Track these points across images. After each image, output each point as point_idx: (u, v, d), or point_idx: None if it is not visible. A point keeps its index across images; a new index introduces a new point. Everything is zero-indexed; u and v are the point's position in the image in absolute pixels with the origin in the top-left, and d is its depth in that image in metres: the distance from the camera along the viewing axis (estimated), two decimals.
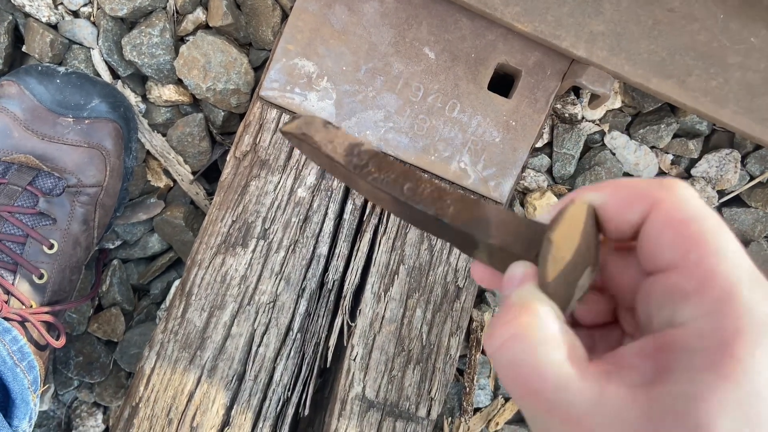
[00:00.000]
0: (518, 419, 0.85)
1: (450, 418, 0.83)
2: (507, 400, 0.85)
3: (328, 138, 0.36)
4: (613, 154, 0.79)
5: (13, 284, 0.65)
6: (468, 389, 0.81)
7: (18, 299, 0.65)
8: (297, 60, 0.69)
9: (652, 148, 0.79)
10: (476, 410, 0.84)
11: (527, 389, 0.25)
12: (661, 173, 0.80)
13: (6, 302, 0.64)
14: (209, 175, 0.81)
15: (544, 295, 0.27)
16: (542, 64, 0.70)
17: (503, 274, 0.30)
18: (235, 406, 0.68)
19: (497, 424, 0.84)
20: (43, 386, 0.67)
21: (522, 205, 0.79)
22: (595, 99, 0.71)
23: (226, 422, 0.68)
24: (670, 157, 0.80)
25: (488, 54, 0.70)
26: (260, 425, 0.68)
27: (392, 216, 0.70)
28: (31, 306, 0.66)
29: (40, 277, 0.67)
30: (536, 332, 0.26)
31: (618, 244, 0.30)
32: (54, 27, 0.76)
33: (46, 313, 0.67)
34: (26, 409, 0.63)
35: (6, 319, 0.64)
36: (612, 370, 0.25)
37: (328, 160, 0.36)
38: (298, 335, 0.69)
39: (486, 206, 0.32)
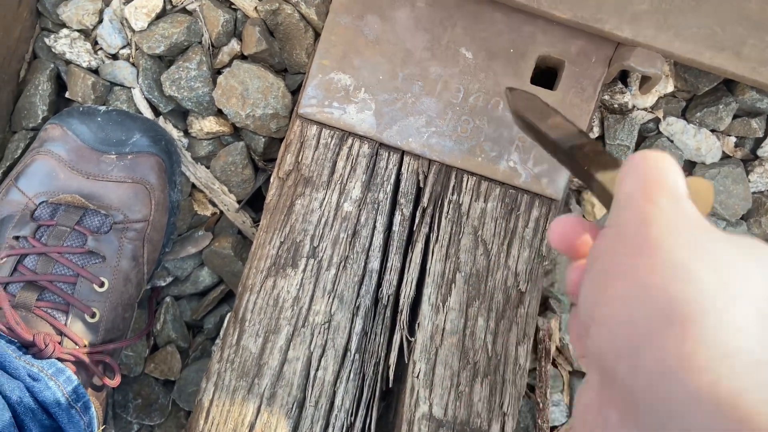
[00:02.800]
0: None
1: None
2: None
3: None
4: (671, 141, 0.75)
5: (65, 324, 0.64)
6: (541, 405, 0.76)
7: (71, 339, 0.64)
8: (333, 74, 0.68)
9: (712, 131, 0.75)
10: (552, 429, 0.79)
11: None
12: (725, 157, 0.76)
13: (59, 343, 0.63)
14: (254, 204, 0.80)
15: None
16: (586, 51, 0.67)
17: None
18: None
19: None
20: (101, 427, 0.65)
21: (578, 203, 0.75)
22: (645, 82, 0.68)
23: None
24: (733, 139, 0.75)
25: (527, 47, 0.67)
26: None
27: (443, 222, 0.68)
28: (85, 345, 0.65)
29: (93, 315, 0.66)
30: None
31: None
32: (95, 71, 0.77)
33: (101, 352, 0.66)
34: None
35: (60, 359, 0.63)
36: None
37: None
38: (357, 356, 0.66)
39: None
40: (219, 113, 0.77)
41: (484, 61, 0.68)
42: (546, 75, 0.71)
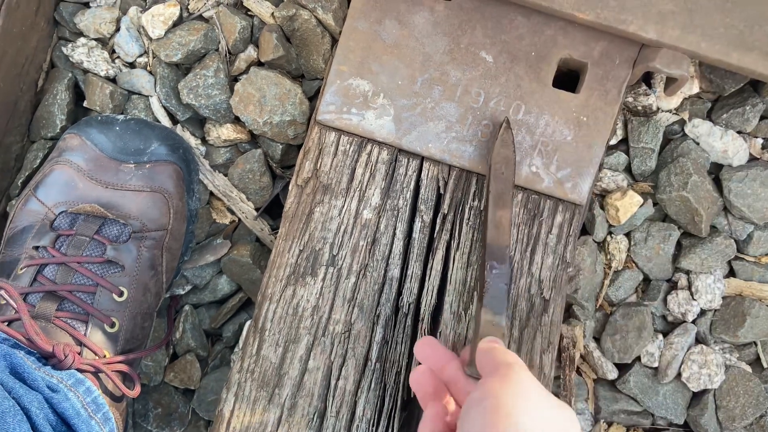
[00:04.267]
0: None
1: None
2: (610, 424, 0.78)
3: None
4: (697, 144, 0.73)
5: (85, 335, 0.64)
6: None
7: (91, 350, 0.63)
8: (351, 80, 0.68)
9: (739, 133, 0.73)
10: None
11: None
12: (753, 159, 0.74)
13: (79, 353, 0.63)
14: (272, 211, 0.79)
15: None
16: (609, 53, 0.66)
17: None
18: None
19: None
20: None
21: (602, 208, 0.74)
22: (671, 84, 0.66)
23: None
24: (760, 141, 0.73)
25: (549, 50, 0.66)
26: None
27: (465, 229, 0.67)
28: (105, 356, 0.65)
29: (112, 325, 0.65)
30: None
31: None
32: (112, 80, 0.77)
33: (120, 362, 0.65)
34: None
35: (79, 370, 0.62)
36: None
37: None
38: (377, 365, 0.65)
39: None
40: (236, 120, 0.76)
41: (504, 65, 0.67)
42: (568, 78, 0.70)
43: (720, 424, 0.75)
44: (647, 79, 0.73)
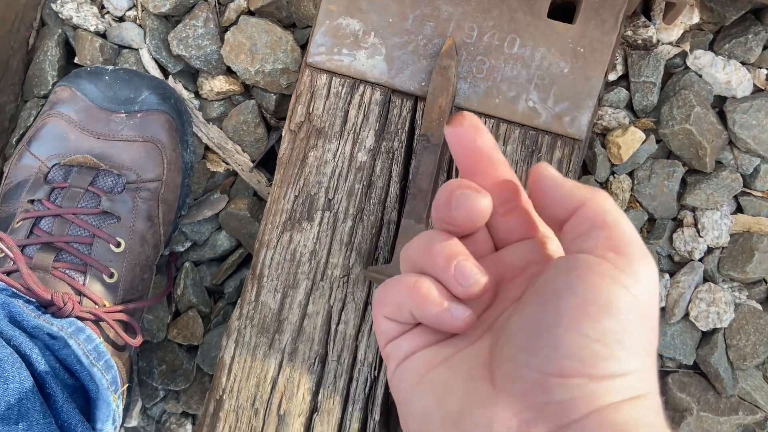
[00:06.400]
0: None
1: None
2: None
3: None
4: (699, 76, 0.71)
5: (84, 285, 0.64)
6: None
7: (90, 299, 0.63)
8: (341, 20, 0.66)
9: (742, 63, 0.71)
10: None
11: None
12: (757, 90, 0.72)
13: (78, 302, 0.62)
14: (268, 164, 0.78)
15: None
16: None
17: None
18: (321, 390, 0.64)
19: None
20: (124, 386, 0.65)
21: (604, 146, 0.72)
22: (670, 10, 0.64)
23: (314, 408, 0.64)
24: (765, 71, 0.71)
25: None
26: (350, 408, 0.64)
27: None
28: (104, 305, 0.64)
29: (110, 276, 0.65)
30: None
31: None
32: (102, 35, 0.76)
33: (121, 311, 0.65)
34: (108, 410, 0.61)
35: (79, 318, 0.62)
36: None
37: None
38: None
39: None
40: (228, 72, 0.75)
41: None
42: (563, 9, 0.68)
43: (731, 363, 0.74)
44: (646, 11, 0.71)
